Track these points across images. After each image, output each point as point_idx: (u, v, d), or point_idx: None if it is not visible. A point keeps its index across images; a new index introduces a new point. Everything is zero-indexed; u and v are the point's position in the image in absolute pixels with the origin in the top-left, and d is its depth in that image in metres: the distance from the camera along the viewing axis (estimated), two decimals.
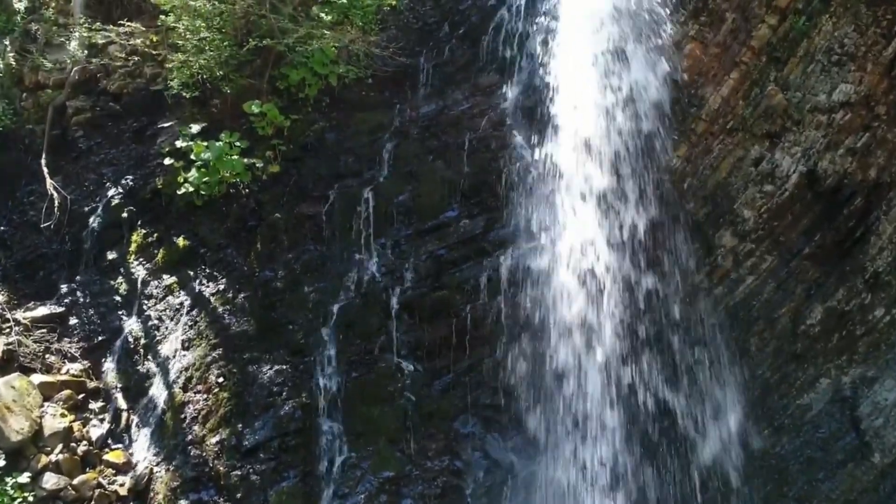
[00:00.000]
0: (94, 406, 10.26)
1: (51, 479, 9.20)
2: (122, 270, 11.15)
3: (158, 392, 10.01)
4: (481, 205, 10.27)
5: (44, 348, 10.53)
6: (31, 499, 8.96)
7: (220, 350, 9.81)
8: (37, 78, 13.19)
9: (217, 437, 9.30)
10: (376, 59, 11.56)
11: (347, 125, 11.24)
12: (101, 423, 10.11)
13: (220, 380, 9.59)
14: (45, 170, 11.94)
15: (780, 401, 9.89)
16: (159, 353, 10.27)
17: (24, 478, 9.04)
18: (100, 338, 10.77)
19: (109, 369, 10.52)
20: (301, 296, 10.01)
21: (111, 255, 11.31)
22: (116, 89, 12.84)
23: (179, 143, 10.88)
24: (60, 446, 9.52)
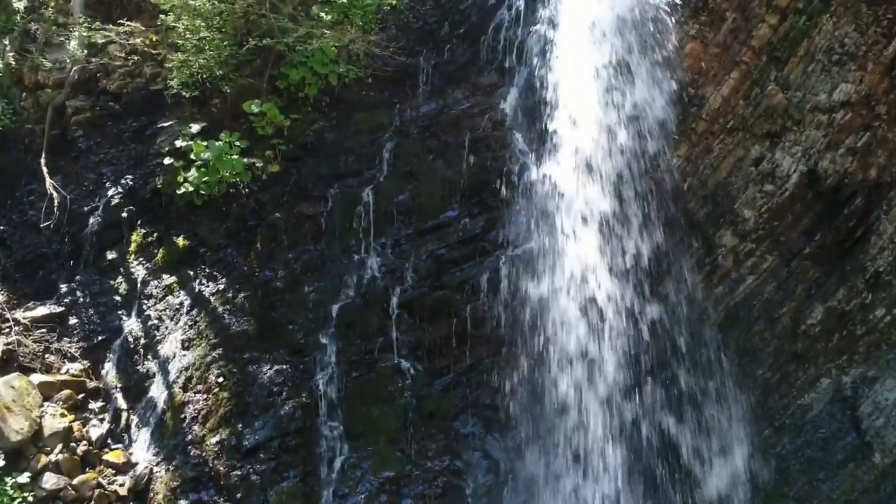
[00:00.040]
0: (93, 406, 10.25)
1: (50, 479, 9.19)
2: (121, 270, 11.14)
3: (158, 392, 10.00)
4: (481, 204, 10.25)
5: (43, 348, 10.51)
6: (30, 499, 8.95)
7: (220, 350, 9.80)
8: (36, 77, 13.17)
9: (217, 437, 9.29)
10: (376, 59, 11.56)
11: (347, 125, 11.23)
12: (101, 422, 10.10)
13: (220, 380, 9.58)
14: (45, 169, 11.92)
15: (780, 401, 9.89)
16: (159, 353, 10.26)
17: (24, 478, 9.03)
18: (100, 337, 10.76)
19: (109, 369, 10.51)
20: (301, 296, 10.00)
21: (111, 255, 11.30)
22: (116, 89, 12.83)
23: (179, 143, 10.87)
24: (60, 446, 9.51)
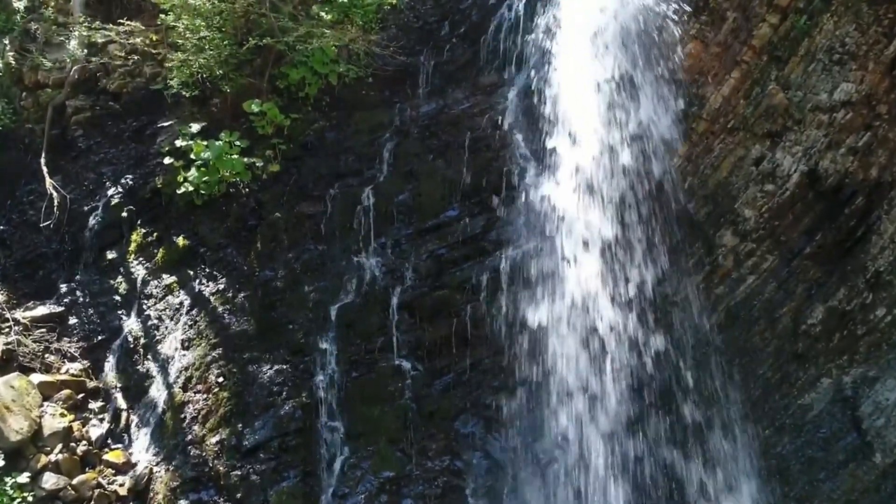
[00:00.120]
0: (93, 406, 10.25)
1: (50, 479, 9.18)
2: (121, 270, 11.14)
3: (158, 392, 9.99)
4: (482, 204, 10.24)
5: (43, 348, 10.51)
6: (30, 499, 8.95)
7: (220, 350, 9.79)
8: (36, 77, 13.18)
9: (217, 436, 9.28)
10: (377, 58, 11.56)
11: (348, 124, 11.23)
12: (101, 422, 10.09)
13: (220, 379, 9.58)
14: (45, 169, 11.93)
15: (781, 400, 9.86)
16: (159, 353, 10.25)
17: (24, 478, 9.02)
18: (99, 337, 10.76)
19: (109, 369, 10.51)
20: (301, 295, 9.99)
21: (111, 255, 11.30)
22: (116, 88, 12.83)
23: (179, 143, 10.87)
24: (60, 446, 9.51)
